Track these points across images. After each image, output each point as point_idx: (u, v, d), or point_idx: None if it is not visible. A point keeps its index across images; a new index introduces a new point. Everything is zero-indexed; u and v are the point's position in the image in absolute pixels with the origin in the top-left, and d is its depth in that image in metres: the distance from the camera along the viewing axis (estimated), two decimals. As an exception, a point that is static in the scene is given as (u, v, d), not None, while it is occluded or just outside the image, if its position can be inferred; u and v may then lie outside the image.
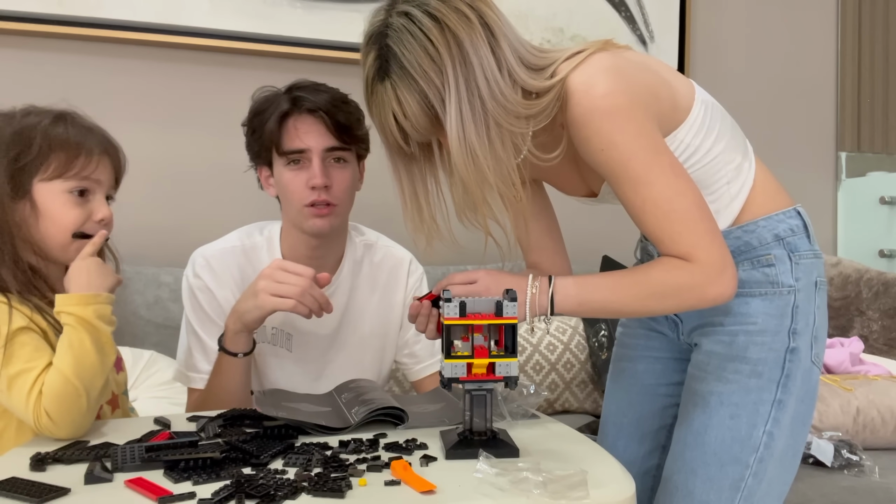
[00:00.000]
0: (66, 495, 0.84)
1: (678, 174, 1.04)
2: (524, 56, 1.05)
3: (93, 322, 1.07)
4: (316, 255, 1.43)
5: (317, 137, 1.35)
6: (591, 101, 1.01)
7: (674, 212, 1.03)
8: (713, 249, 1.03)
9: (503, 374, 0.95)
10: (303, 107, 1.35)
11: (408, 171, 1.11)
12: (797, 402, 1.12)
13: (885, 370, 2.10)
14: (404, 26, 1.00)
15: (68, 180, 1.14)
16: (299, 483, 0.84)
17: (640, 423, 1.30)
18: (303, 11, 2.22)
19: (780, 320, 1.11)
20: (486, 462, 0.86)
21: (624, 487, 0.88)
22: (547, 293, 1.05)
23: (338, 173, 1.38)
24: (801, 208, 1.16)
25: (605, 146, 1.02)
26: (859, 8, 2.86)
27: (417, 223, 1.12)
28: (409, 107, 1.01)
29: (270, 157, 1.39)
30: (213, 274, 1.41)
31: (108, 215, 1.19)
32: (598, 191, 1.18)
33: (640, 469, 1.28)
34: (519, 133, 1.03)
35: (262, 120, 1.36)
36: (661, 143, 1.05)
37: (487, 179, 1.01)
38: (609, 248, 2.36)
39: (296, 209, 1.37)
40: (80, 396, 1.04)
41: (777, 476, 1.13)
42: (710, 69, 2.71)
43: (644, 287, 1.05)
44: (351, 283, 1.48)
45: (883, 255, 2.78)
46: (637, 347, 1.32)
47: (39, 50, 2.05)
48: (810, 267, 1.13)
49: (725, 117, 1.16)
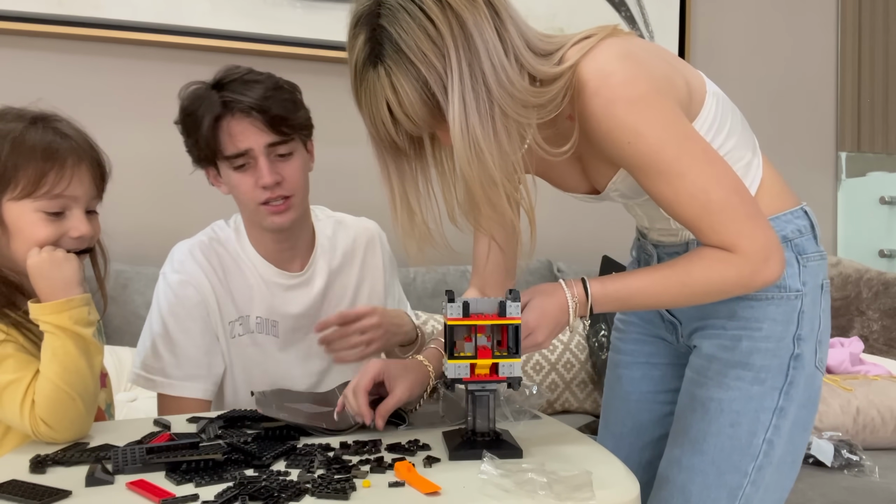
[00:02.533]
0: (67, 498, 0.83)
1: (712, 160, 0.97)
2: (531, 40, 0.96)
3: (71, 328, 1.04)
4: (285, 247, 1.42)
5: (255, 136, 1.30)
6: (611, 91, 0.93)
7: (711, 202, 0.95)
8: (757, 236, 0.97)
9: (506, 375, 0.95)
10: (234, 109, 1.29)
11: (398, 169, 1.01)
12: (799, 408, 1.08)
13: (885, 370, 2.10)
14: (400, 4, 0.89)
15: (38, 200, 1.08)
16: (303, 485, 0.84)
17: (641, 433, 1.26)
18: (303, 11, 2.21)
19: (786, 326, 1.07)
20: (491, 463, 0.86)
21: (629, 488, 0.88)
22: (586, 305, 0.99)
23: (286, 166, 1.33)
24: (808, 207, 1.12)
25: (632, 139, 0.94)
26: (859, 8, 2.86)
27: (408, 228, 1.02)
28: (406, 95, 0.90)
29: (214, 161, 1.35)
30: (194, 265, 1.38)
31: (87, 232, 1.13)
32: (602, 188, 1.10)
33: (642, 479, 1.25)
34: (525, 124, 0.94)
35: (196, 122, 1.31)
36: (690, 129, 0.98)
37: (492, 175, 0.91)
38: (609, 248, 2.35)
39: (251, 210, 1.35)
40: (73, 401, 1.03)
41: (775, 483, 1.10)
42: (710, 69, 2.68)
43: (688, 287, 0.99)
44: (329, 262, 1.47)
45: (883, 255, 2.78)
46: (633, 353, 1.27)
47: (39, 50, 2.04)
48: (816, 269, 1.09)
49: (736, 112, 1.11)
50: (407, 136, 0.97)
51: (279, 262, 1.43)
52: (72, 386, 1.03)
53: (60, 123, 1.14)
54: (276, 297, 1.42)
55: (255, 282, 1.41)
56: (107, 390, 1.29)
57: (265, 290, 1.42)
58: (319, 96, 1.50)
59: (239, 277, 1.41)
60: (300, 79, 1.43)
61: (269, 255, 1.42)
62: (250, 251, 1.42)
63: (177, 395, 1.36)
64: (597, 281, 1.00)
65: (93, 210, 1.18)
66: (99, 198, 1.18)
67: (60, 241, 1.11)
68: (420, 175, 1.02)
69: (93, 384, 1.06)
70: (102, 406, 1.25)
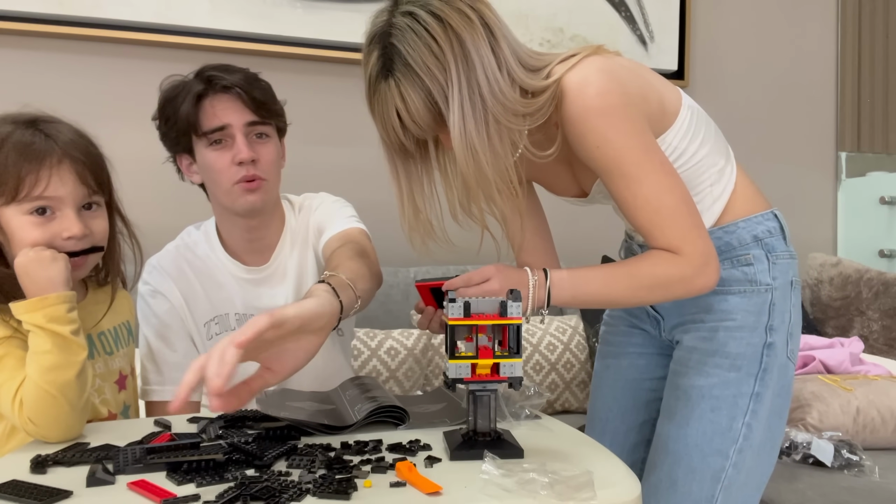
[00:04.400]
0: (68, 498, 0.83)
1: (668, 172, 1.08)
2: (522, 57, 1.09)
3: (46, 326, 1.04)
4: (254, 237, 1.43)
5: (236, 113, 1.33)
6: (586, 100, 1.05)
7: (663, 207, 1.07)
8: (699, 243, 1.08)
9: (507, 375, 0.95)
10: (217, 85, 1.32)
11: (406, 169, 1.13)
12: (774, 395, 1.17)
13: (885, 370, 2.10)
14: (408, 25, 1.02)
15: (22, 203, 1.09)
16: (304, 485, 0.84)
17: (626, 417, 1.35)
18: (303, 11, 2.21)
19: (758, 317, 1.16)
20: (492, 463, 0.86)
21: (630, 488, 0.87)
22: (545, 287, 1.08)
23: (262, 148, 1.36)
24: (778, 211, 1.22)
25: (600, 143, 1.06)
26: (859, 8, 2.87)
27: (413, 223, 1.14)
28: (413, 103, 1.03)
29: (190, 143, 1.36)
30: (161, 274, 1.41)
31: (79, 232, 1.12)
32: (589, 190, 1.22)
33: (627, 461, 1.30)
34: (516, 130, 1.06)
35: (176, 106, 1.34)
36: (653, 142, 1.09)
37: (486, 175, 1.04)
38: (608, 248, 2.35)
39: (224, 189, 1.35)
40: (54, 399, 1.02)
41: (755, 467, 1.17)
42: (710, 69, 2.71)
43: (635, 279, 1.10)
44: (297, 252, 1.46)
45: (883, 255, 2.79)
46: (620, 344, 1.36)
47: (39, 50, 2.04)
48: (786, 267, 1.19)
49: (710, 123, 1.21)
50: (414, 140, 1.09)
51: (248, 258, 1.44)
52: (51, 384, 1.02)
53: (48, 125, 1.14)
54: (249, 292, 1.44)
55: (225, 280, 1.43)
56: (127, 392, 1.28)
57: (237, 287, 1.43)
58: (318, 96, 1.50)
59: (210, 278, 1.43)
60: (300, 79, 1.44)
61: (239, 250, 1.44)
62: (219, 251, 1.44)
63: (158, 400, 1.39)
64: (556, 270, 1.11)
65: (93, 208, 1.17)
66: (98, 194, 1.17)
67: (53, 242, 1.11)
68: (425, 176, 1.15)
69: (77, 382, 1.05)
70: (119, 409, 1.25)
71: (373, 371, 2.02)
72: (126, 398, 1.28)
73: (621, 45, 2.55)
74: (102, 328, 1.24)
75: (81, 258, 1.15)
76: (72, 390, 1.04)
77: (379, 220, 1.62)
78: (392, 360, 2.03)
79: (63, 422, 1.04)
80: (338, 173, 2.24)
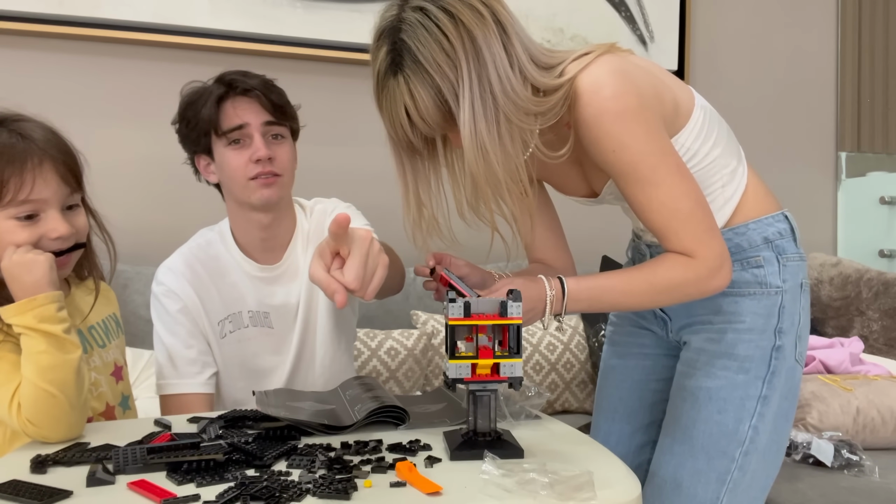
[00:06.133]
0: (68, 498, 0.83)
1: (684, 175, 1.07)
2: (534, 54, 1.06)
3: (37, 327, 1.04)
4: (268, 236, 1.46)
5: (254, 113, 1.39)
6: (601, 103, 1.03)
7: (679, 211, 1.06)
8: (714, 245, 1.07)
9: (507, 375, 0.95)
10: (238, 88, 1.39)
11: (412, 167, 1.12)
12: (781, 398, 1.16)
13: (885, 370, 2.10)
14: (419, 21, 1.00)
15: (6, 208, 1.09)
16: (304, 485, 0.84)
17: (631, 418, 1.34)
18: (303, 11, 2.21)
19: (767, 319, 1.15)
20: (492, 463, 0.86)
21: (630, 488, 0.87)
22: (561, 301, 1.06)
23: (278, 147, 1.42)
24: (789, 213, 1.20)
25: (616, 147, 1.04)
26: (859, 8, 2.86)
27: (417, 220, 1.13)
28: (422, 101, 1.01)
29: (209, 143, 1.41)
30: (175, 275, 1.44)
31: (65, 231, 1.12)
32: (600, 191, 1.20)
33: (632, 463, 1.30)
34: (528, 129, 1.04)
35: (197, 108, 1.40)
36: (668, 144, 1.08)
37: (496, 174, 1.02)
38: (609, 248, 2.36)
39: (240, 185, 1.40)
40: (54, 398, 1.03)
41: (761, 469, 1.17)
42: (710, 69, 2.71)
43: (653, 285, 1.08)
44: (310, 252, 1.49)
45: (883, 255, 2.79)
46: (627, 344, 1.35)
47: (39, 50, 2.04)
48: (796, 269, 1.18)
49: (722, 123, 1.20)
50: (422, 138, 1.07)
51: (261, 256, 1.48)
52: (51, 383, 1.03)
53: (21, 124, 1.13)
54: (261, 290, 1.47)
55: (238, 278, 1.47)
56: (124, 383, 1.30)
57: (250, 285, 1.47)
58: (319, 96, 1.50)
59: (223, 277, 1.47)
60: (300, 79, 1.45)
61: (253, 248, 1.47)
62: (234, 249, 1.48)
63: (173, 394, 1.40)
64: (573, 278, 1.08)
65: (74, 205, 1.17)
66: (78, 192, 1.17)
67: (40, 243, 1.11)
68: (432, 173, 1.13)
69: (75, 380, 1.05)
70: (117, 400, 1.26)
71: (373, 371, 2.02)
72: (123, 388, 1.29)
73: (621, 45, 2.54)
74: (91, 322, 1.25)
75: (66, 256, 1.15)
76: (71, 388, 1.05)
77: (379, 221, 1.62)
78: (392, 360, 2.03)
79: (64, 421, 1.04)
80: (338, 173, 2.24)
